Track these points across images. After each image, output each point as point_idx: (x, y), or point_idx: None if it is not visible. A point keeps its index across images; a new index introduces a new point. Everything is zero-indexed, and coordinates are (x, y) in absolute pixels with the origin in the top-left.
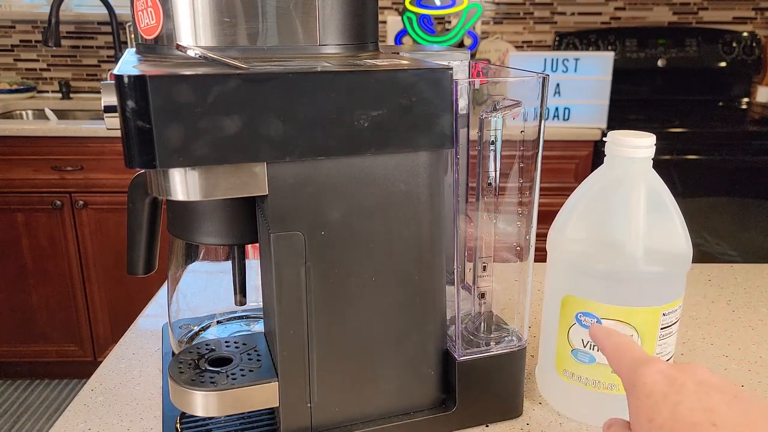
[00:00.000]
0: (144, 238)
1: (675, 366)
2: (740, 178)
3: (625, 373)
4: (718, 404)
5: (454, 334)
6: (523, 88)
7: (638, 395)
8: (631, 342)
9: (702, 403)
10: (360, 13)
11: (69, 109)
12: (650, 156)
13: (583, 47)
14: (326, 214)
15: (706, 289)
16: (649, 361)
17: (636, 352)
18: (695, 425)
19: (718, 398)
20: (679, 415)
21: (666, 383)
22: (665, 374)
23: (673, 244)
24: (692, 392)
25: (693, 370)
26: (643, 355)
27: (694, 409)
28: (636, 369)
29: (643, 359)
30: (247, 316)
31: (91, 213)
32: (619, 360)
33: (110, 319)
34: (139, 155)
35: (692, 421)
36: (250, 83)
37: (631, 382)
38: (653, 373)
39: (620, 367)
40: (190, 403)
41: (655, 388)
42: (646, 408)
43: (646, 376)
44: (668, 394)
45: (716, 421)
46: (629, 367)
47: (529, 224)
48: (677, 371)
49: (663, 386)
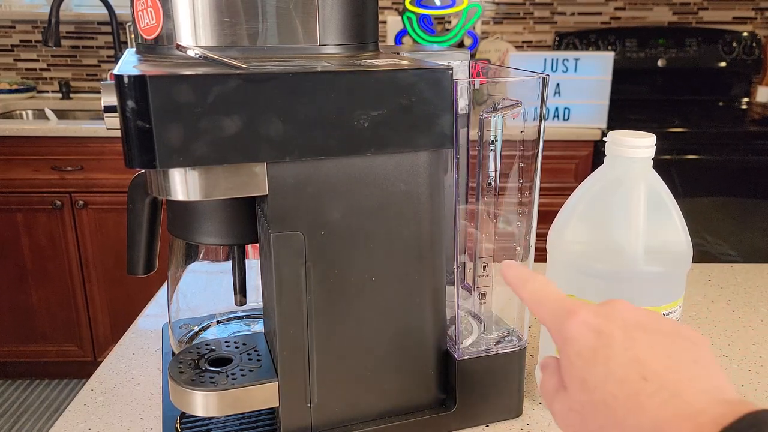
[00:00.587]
0: (144, 238)
1: (600, 312)
2: (740, 178)
3: (550, 326)
4: (644, 351)
5: (454, 334)
6: (523, 88)
7: (568, 353)
8: (548, 286)
9: (630, 354)
10: (360, 13)
11: (69, 109)
12: (650, 156)
13: (583, 47)
14: (326, 214)
15: (706, 289)
16: (571, 312)
17: (555, 297)
18: (626, 382)
19: (644, 342)
20: (611, 373)
21: (593, 337)
22: (591, 326)
23: (673, 244)
24: (620, 341)
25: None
26: (565, 301)
27: (624, 364)
28: (562, 324)
29: (566, 309)
30: (247, 316)
31: (91, 213)
32: (542, 310)
33: (110, 319)
34: (139, 155)
35: (623, 378)
36: (250, 83)
37: (560, 337)
38: (579, 326)
39: (544, 319)
40: (190, 403)
41: (584, 344)
42: (577, 368)
43: (573, 330)
44: (597, 350)
45: (645, 373)
46: (554, 320)
47: (529, 224)
48: (603, 319)
49: (591, 341)
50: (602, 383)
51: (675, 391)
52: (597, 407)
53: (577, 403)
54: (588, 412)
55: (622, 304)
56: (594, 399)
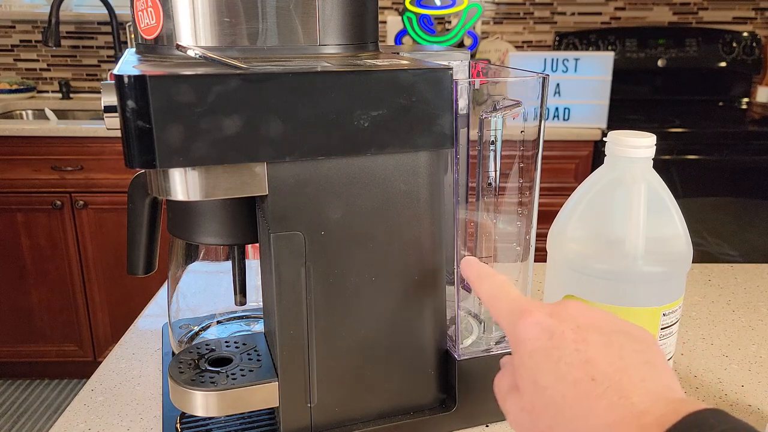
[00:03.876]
0: (144, 238)
1: (553, 312)
2: (740, 178)
3: (505, 325)
4: (595, 352)
5: (454, 334)
6: (523, 88)
7: (521, 354)
8: (505, 286)
9: (580, 355)
10: (360, 14)
11: (69, 109)
12: (650, 156)
13: (583, 47)
14: (326, 214)
15: (706, 289)
16: (525, 312)
17: (511, 297)
18: (576, 383)
19: (596, 342)
20: (561, 374)
21: (546, 337)
22: (543, 326)
23: (673, 244)
24: (570, 342)
25: (570, 313)
26: (519, 302)
27: (574, 364)
28: (515, 323)
29: (520, 309)
30: (247, 316)
31: (91, 213)
32: (498, 310)
33: (110, 319)
34: (139, 155)
35: (573, 379)
36: (250, 83)
37: (513, 338)
38: (532, 326)
39: (499, 318)
40: (190, 403)
41: (536, 345)
42: (529, 369)
43: (526, 330)
44: (548, 350)
45: (594, 374)
46: (508, 320)
47: (529, 224)
48: (555, 319)
49: (543, 341)
50: (552, 383)
51: (622, 392)
52: (547, 407)
53: (528, 403)
54: (538, 412)
55: (575, 305)
56: (544, 399)
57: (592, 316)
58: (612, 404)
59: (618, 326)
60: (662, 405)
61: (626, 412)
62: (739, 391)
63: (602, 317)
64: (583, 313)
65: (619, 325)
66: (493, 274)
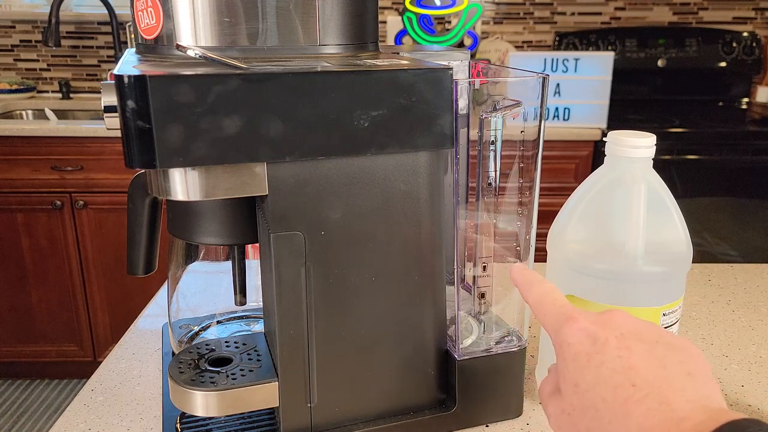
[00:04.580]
0: (144, 238)
1: (598, 320)
2: (740, 178)
3: (550, 330)
4: (637, 360)
5: (454, 334)
6: (523, 88)
7: (564, 357)
8: (553, 292)
9: (622, 362)
10: (360, 13)
11: (69, 109)
12: (650, 156)
13: (583, 47)
14: (326, 214)
15: (706, 289)
16: (571, 318)
17: (559, 303)
18: (616, 388)
19: (638, 351)
20: (602, 378)
21: (589, 342)
22: (588, 332)
23: (673, 244)
24: (614, 349)
25: (615, 321)
26: (566, 308)
27: (616, 370)
28: (560, 328)
29: (566, 315)
30: (247, 316)
31: (91, 213)
32: (544, 314)
33: (110, 319)
34: (139, 155)
35: (613, 383)
36: (250, 83)
37: (557, 341)
38: (576, 331)
39: (545, 323)
40: (190, 403)
41: (580, 349)
42: (571, 372)
43: (570, 335)
44: (591, 355)
45: (635, 380)
46: (553, 325)
47: (529, 224)
48: (600, 327)
49: (586, 346)
50: (593, 387)
51: (662, 399)
52: (586, 410)
53: (569, 406)
54: (578, 414)
55: (621, 314)
56: (584, 402)
57: (636, 325)
58: (651, 409)
59: (662, 337)
60: (701, 413)
61: (665, 417)
62: (739, 391)
63: (647, 327)
64: (628, 322)
65: (663, 335)
66: (542, 280)
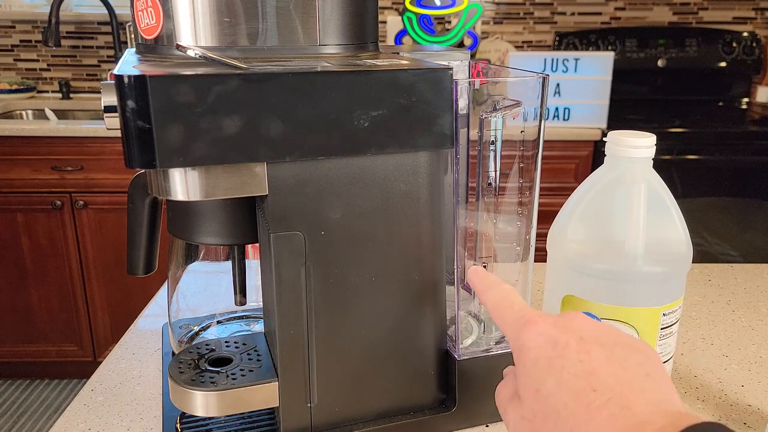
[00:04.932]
0: (144, 238)
1: (557, 323)
2: (740, 178)
3: (509, 334)
4: (598, 364)
5: (454, 334)
6: (523, 88)
7: (524, 362)
8: (510, 295)
9: (583, 366)
10: (360, 13)
11: (69, 109)
12: (650, 156)
13: (583, 47)
14: (326, 214)
15: (706, 289)
16: (529, 322)
17: (516, 308)
18: (578, 393)
19: (598, 355)
20: (563, 383)
21: (549, 347)
22: (548, 336)
23: (673, 244)
24: (574, 353)
25: (574, 325)
26: (524, 312)
27: (577, 374)
28: (519, 332)
29: (525, 319)
30: (247, 316)
31: (91, 213)
32: (502, 318)
33: (110, 319)
34: (139, 155)
35: (575, 389)
36: (250, 83)
37: (516, 346)
38: (536, 336)
39: (504, 326)
40: (190, 403)
41: (540, 353)
42: (532, 378)
43: (530, 339)
44: (552, 360)
45: (596, 385)
46: (512, 329)
47: (529, 224)
48: (559, 330)
49: (547, 350)
50: (555, 392)
51: (624, 403)
52: (548, 416)
53: (530, 412)
54: (539, 421)
55: (580, 317)
56: (546, 408)
57: (595, 328)
58: (613, 415)
59: (620, 339)
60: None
61: (627, 423)
62: (739, 391)
63: (605, 330)
64: (587, 325)
65: (621, 338)
66: (498, 283)
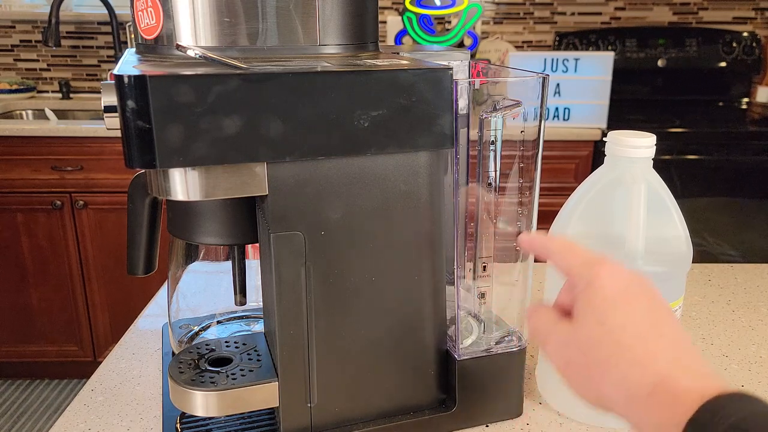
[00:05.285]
0: (144, 238)
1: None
2: (740, 178)
3: (578, 270)
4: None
5: (454, 334)
6: (523, 88)
7: (594, 294)
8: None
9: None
10: (360, 13)
11: (69, 109)
12: (650, 156)
13: (583, 47)
14: (326, 214)
15: (706, 289)
16: (603, 261)
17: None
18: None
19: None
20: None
21: (624, 285)
22: (622, 276)
23: (673, 244)
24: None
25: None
26: (593, 254)
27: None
28: (592, 266)
29: (596, 259)
30: (247, 316)
31: (91, 213)
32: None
33: (110, 319)
34: (139, 155)
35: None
36: (250, 83)
37: (587, 279)
38: (611, 275)
39: (571, 266)
40: (190, 403)
41: (615, 289)
42: (599, 310)
43: (604, 277)
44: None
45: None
46: (583, 265)
47: (529, 224)
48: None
49: (619, 291)
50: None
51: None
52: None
53: (585, 337)
54: (593, 345)
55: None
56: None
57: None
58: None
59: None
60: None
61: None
62: None
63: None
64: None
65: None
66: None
